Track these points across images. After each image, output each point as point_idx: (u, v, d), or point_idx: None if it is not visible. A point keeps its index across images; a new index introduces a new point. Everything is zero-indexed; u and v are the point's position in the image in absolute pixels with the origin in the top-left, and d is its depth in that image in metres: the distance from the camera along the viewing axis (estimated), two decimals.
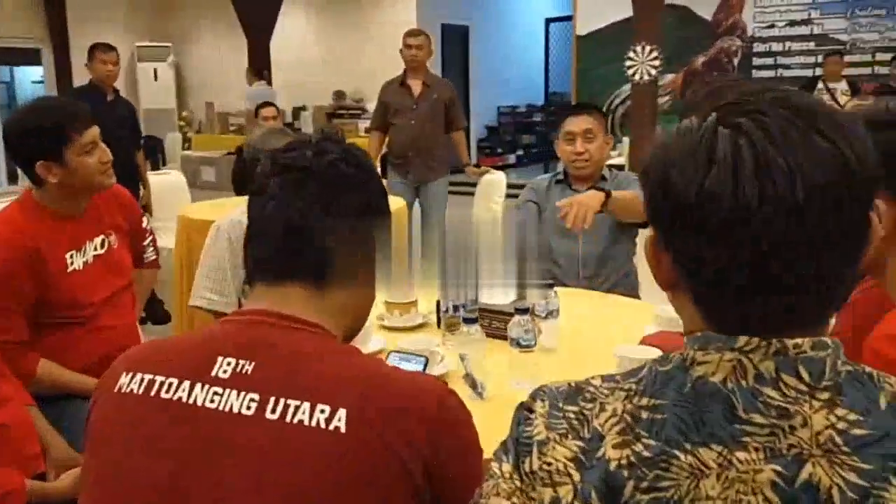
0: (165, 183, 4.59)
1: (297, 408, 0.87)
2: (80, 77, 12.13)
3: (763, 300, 0.68)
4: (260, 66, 9.90)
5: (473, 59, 12.21)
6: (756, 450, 0.65)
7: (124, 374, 0.97)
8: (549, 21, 12.94)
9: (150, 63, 12.80)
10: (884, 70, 8.29)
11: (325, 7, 11.87)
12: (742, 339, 0.68)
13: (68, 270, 1.96)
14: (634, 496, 0.66)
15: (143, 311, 2.65)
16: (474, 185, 5.56)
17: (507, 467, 0.75)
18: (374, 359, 1.00)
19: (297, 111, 11.11)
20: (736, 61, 9.35)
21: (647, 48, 7.74)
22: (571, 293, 2.24)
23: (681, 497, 0.65)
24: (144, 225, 2.44)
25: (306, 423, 0.86)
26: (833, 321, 0.78)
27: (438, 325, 2.08)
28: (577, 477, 0.69)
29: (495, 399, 1.59)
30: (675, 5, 8.92)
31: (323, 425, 0.86)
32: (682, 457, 0.66)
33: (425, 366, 1.50)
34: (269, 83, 9.79)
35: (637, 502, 0.66)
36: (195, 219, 3.79)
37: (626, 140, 8.25)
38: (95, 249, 2.07)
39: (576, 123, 2.74)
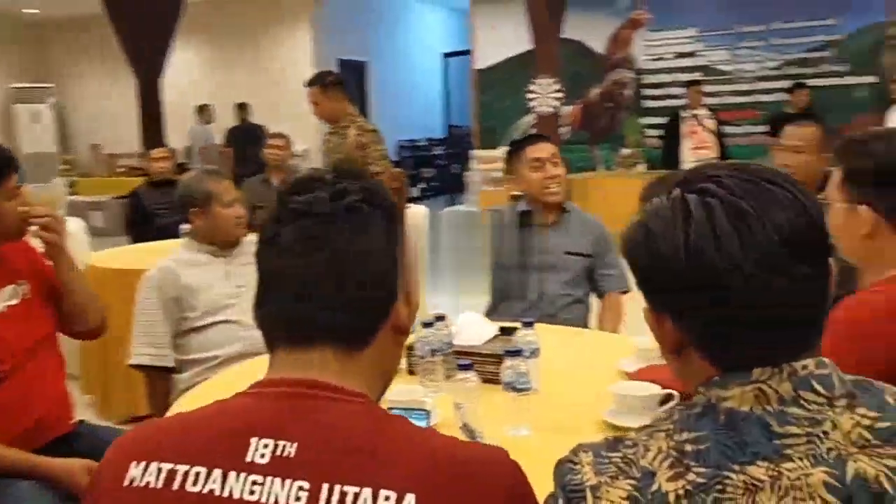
0: None
1: (356, 495, 0.75)
2: None
3: (763, 335, 0.74)
4: (151, 107, 9.45)
5: (371, 94, 12.18)
6: (800, 458, 0.70)
7: (133, 464, 0.81)
8: (446, 56, 13.11)
9: (27, 105, 12.16)
10: (764, 98, 8.84)
11: (220, 45, 11.55)
12: (756, 371, 0.74)
13: None
14: None
15: None
16: None
17: None
18: (427, 430, 0.89)
19: (188, 150, 10.71)
20: (627, 93, 9.73)
21: (549, 81, 7.94)
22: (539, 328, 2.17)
23: None
24: None
25: None
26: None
27: (410, 372, 1.96)
28: None
29: None
30: (570, 39, 9.19)
31: None
32: (734, 477, 0.70)
33: (428, 419, 1.39)
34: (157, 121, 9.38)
35: None
36: (107, 268, 3.52)
37: None
38: (8, 299, 1.83)
39: (541, 150, 2.68)
